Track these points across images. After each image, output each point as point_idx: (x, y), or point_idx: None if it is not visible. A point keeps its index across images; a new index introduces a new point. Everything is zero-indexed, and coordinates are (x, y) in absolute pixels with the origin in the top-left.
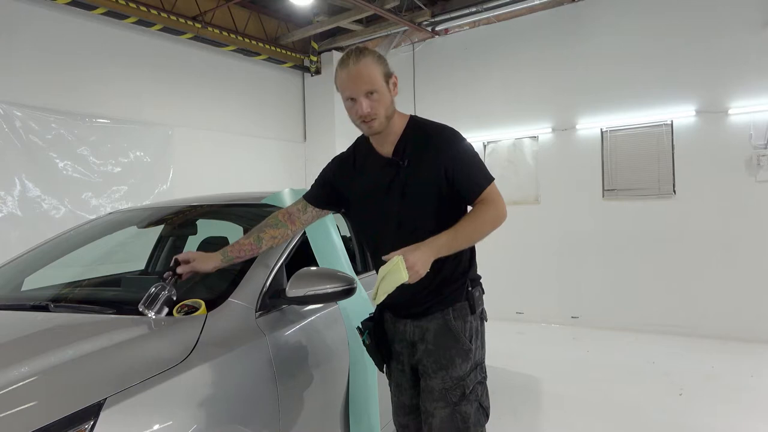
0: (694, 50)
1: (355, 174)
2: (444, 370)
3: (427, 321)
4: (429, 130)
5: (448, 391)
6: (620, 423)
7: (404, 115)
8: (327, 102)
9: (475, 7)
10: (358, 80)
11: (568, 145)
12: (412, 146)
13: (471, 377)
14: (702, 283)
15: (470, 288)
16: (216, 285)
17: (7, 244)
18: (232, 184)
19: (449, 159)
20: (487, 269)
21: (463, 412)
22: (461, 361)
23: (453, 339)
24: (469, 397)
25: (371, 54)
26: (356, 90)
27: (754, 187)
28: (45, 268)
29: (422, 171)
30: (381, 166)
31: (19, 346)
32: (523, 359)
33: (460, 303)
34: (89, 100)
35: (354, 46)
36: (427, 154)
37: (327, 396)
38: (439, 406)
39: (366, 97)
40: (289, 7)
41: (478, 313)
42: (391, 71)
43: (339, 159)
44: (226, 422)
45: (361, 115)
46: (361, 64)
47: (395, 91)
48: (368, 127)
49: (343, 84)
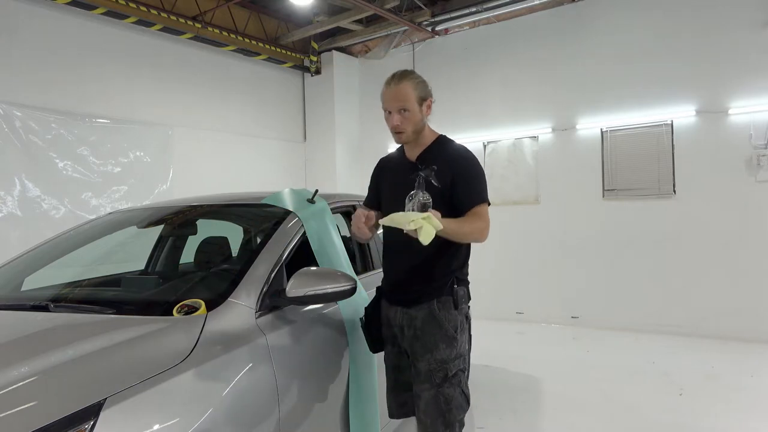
0: (694, 50)
1: (388, 173)
2: (429, 353)
3: (416, 310)
4: (450, 147)
5: (432, 373)
6: (620, 423)
7: (435, 133)
8: (327, 102)
9: (475, 7)
10: (395, 98)
11: (568, 145)
12: (433, 156)
13: (455, 363)
14: (702, 282)
15: (455, 285)
16: (216, 285)
17: (7, 244)
18: (232, 184)
19: (457, 173)
20: (487, 269)
21: (446, 394)
22: (445, 346)
23: (437, 326)
24: (452, 381)
25: (413, 79)
26: (392, 106)
27: (754, 187)
28: (45, 268)
29: (435, 179)
30: (406, 169)
31: (19, 346)
32: (523, 359)
33: (444, 297)
34: (89, 100)
35: (401, 70)
36: (442, 163)
37: (327, 396)
38: (424, 387)
39: (399, 113)
40: (289, 7)
41: (461, 309)
42: (428, 95)
43: (381, 160)
44: (226, 422)
45: (392, 126)
46: (401, 85)
47: (428, 112)
48: (398, 137)
49: (384, 99)
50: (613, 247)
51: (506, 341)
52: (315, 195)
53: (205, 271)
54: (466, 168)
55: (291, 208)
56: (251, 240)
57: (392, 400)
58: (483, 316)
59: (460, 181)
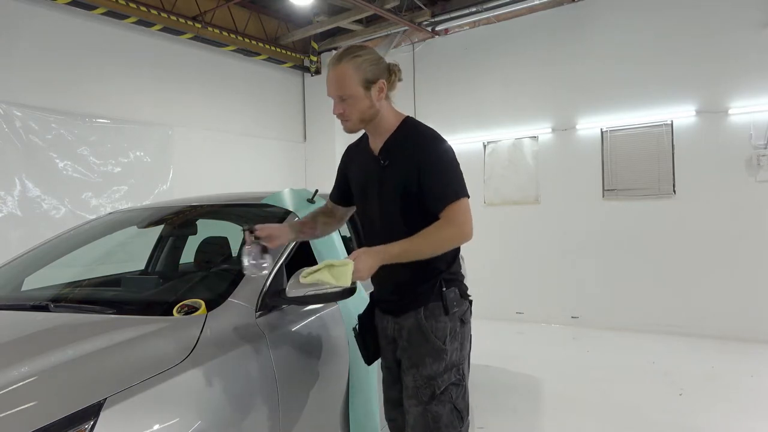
0: (694, 50)
1: (353, 164)
2: (415, 367)
3: (404, 319)
4: (415, 135)
5: (418, 389)
6: (620, 423)
7: (400, 115)
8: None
9: (475, 7)
10: (332, 84)
11: (568, 145)
12: (396, 146)
13: (444, 378)
14: (702, 282)
15: (444, 288)
16: (216, 285)
17: (7, 244)
18: (232, 184)
19: (423, 162)
20: (487, 269)
21: (433, 412)
22: (432, 360)
23: (423, 338)
24: (441, 398)
25: (352, 60)
26: (330, 92)
27: (754, 187)
28: (45, 268)
29: (402, 173)
30: (369, 162)
31: (19, 346)
32: (523, 359)
33: (433, 303)
34: (89, 100)
35: (344, 47)
36: (405, 153)
37: (327, 396)
38: (412, 403)
39: (340, 100)
40: (289, 7)
41: (453, 314)
42: (378, 76)
43: (348, 148)
44: (226, 422)
45: (338, 116)
46: (338, 69)
47: (380, 95)
48: (343, 127)
49: (326, 83)
50: (613, 247)
51: (506, 341)
52: (315, 195)
53: (205, 271)
54: (434, 156)
55: (291, 208)
56: None
57: (385, 414)
58: (483, 316)
59: (427, 175)
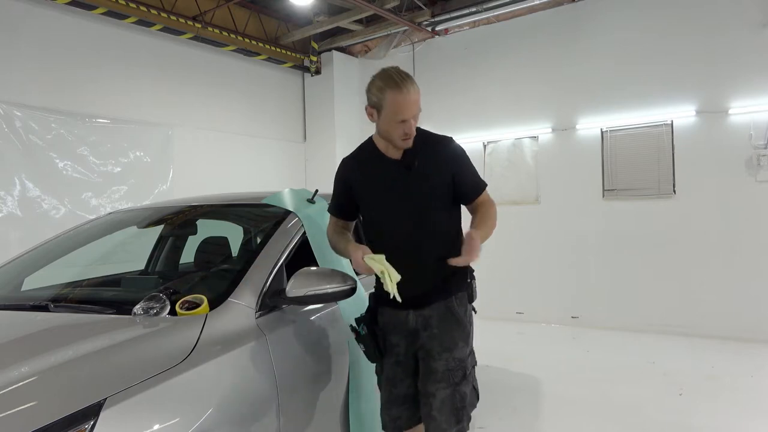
0: (694, 50)
1: (363, 174)
2: (448, 351)
3: (430, 310)
4: (434, 139)
5: (451, 372)
6: (620, 423)
7: None
8: (327, 102)
9: (475, 7)
10: (413, 105)
11: (568, 145)
12: (421, 152)
13: (469, 360)
14: (702, 283)
15: (469, 279)
16: (216, 285)
17: (7, 244)
18: (232, 184)
19: (457, 166)
20: (487, 269)
21: (462, 392)
22: (463, 344)
23: (456, 323)
24: (468, 378)
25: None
26: (410, 113)
27: (754, 187)
28: (45, 268)
29: (434, 174)
30: (389, 168)
31: (19, 346)
32: (523, 359)
33: (462, 292)
34: (89, 100)
35: (395, 69)
36: (437, 159)
37: (327, 396)
38: (441, 386)
39: (414, 119)
40: (289, 7)
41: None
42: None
43: (347, 161)
44: (226, 422)
45: (408, 134)
46: (413, 90)
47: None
48: (407, 143)
49: (399, 106)
50: (613, 247)
51: (506, 341)
52: (315, 195)
53: (205, 271)
54: (463, 159)
55: (291, 208)
56: (251, 240)
57: (385, 414)
58: (483, 316)
59: (462, 174)
